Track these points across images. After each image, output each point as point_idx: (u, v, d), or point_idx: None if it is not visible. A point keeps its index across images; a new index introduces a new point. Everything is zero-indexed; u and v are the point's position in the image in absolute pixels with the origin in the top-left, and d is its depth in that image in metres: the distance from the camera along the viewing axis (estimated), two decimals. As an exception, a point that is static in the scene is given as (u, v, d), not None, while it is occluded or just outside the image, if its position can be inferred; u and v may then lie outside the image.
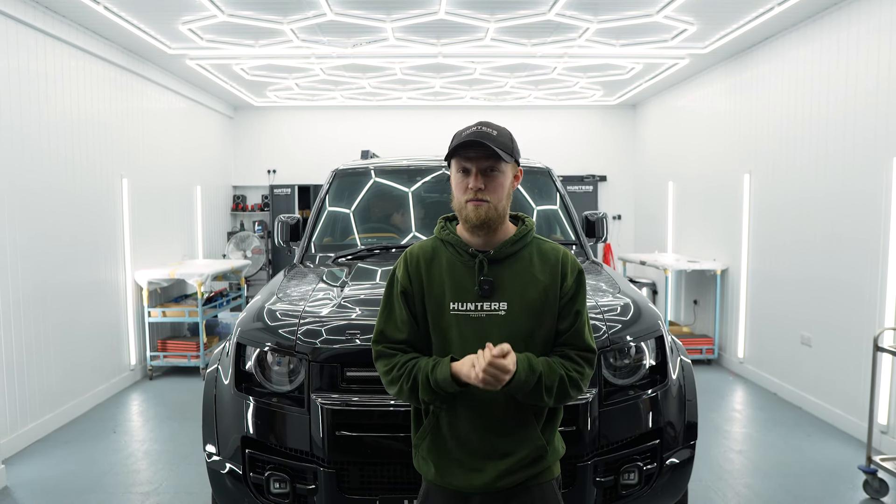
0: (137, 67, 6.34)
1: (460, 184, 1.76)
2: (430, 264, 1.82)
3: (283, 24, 5.34)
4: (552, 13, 5.09)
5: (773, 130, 5.81)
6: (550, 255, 1.83)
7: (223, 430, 2.61)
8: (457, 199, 1.78)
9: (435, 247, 1.85)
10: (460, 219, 1.80)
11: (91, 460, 4.40)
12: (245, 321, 2.72)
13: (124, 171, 6.13)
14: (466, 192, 1.74)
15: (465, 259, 1.79)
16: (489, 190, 1.73)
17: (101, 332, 5.74)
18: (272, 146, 9.70)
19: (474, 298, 1.75)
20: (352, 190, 4.28)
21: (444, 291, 1.78)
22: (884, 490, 3.76)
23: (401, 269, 1.84)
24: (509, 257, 1.79)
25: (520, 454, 1.75)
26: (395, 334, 1.80)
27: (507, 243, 1.79)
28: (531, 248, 1.83)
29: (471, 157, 1.74)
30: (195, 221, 8.09)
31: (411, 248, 1.88)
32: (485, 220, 1.74)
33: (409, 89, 8.31)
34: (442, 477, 1.78)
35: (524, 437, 1.76)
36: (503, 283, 1.77)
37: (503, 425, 1.75)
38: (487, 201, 1.73)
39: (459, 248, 1.80)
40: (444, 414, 1.77)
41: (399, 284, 1.82)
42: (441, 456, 1.78)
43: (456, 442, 1.76)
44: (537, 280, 1.78)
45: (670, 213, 8.29)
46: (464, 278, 1.78)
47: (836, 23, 4.92)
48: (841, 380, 4.87)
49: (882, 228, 4.41)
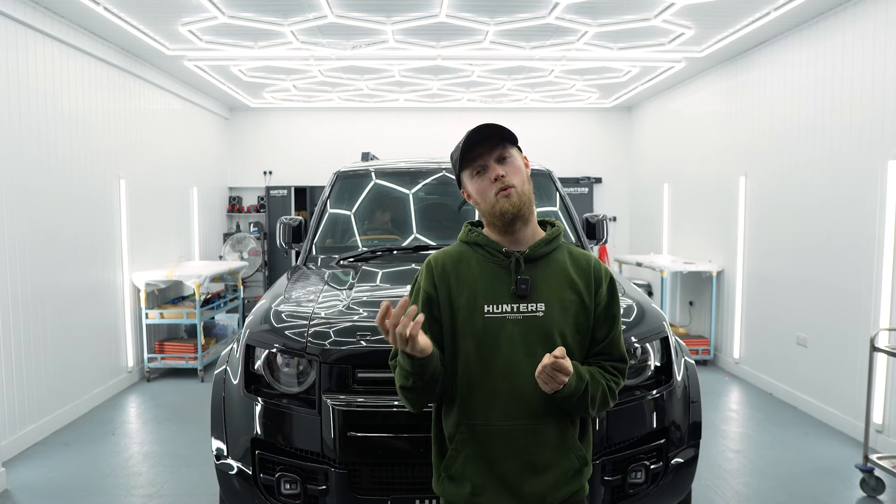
0: (135, 68, 6.33)
1: (481, 185, 1.72)
2: (457, 267, 1.75)
3: (284, 26, 5.35)
4: (552, 17, 5.13)
5: (769, 133, 5.87)
6: (582, 261, 1.79)
7: (232, 432, 2.61)
8: (485, 202, 1.72)
9: (461, 251, 1.79)
10: (493, 218, 1.72)
11: (91, 463, 4.39)
12: (254, 323, 2.73)
13: (122, 172, 6.11)
14: (492, 186, 1.70)
15: (499, 259, 1.72)
16: (510, 174, 1.71)
17: (98, 334, 5.72)
18: (268, 147, 9.69)
19: (510, 300, 1.69)
20: (354, 192, 4.29)
21: (475, 293, 1.70)
22: (880, 488, 3.81)
23: (423, 276, 1.78)
24: (543, 258, 1.75)
25: (563, 466, 1.70)
26: None
27: (540, 243, 1.74)
28: (563, 251, 1.79)
29: (481, 154, 1.72)
30: (192, 223, 8.07)
31: (434, 255, 1.81)
32: (518, 206, 1.69)
33: (406, 91, 8.33)
34: (475, 497, 1.68)
35: (565, 446, 1.71)
36: (540, 284, 1.71)
37: (544, 437, 1.69)
38: (514, 185, 1.69)
39: (492, 249, 1.74)
40: (479, 423, 1.69)
41: (423, 291, 1.75)
42: (476, 472, 1.69)
43: (492, 457, 1.68)
44: (574, 281, 1.74)
45: (665, 215, 8.35)
46: (498, 279, 1.71)
47: (832, 27, 4.99)
48: (836, 380, 4.93)
49: (877, 230, 4.47)
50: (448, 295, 1.73)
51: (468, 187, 1.77)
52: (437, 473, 1.77)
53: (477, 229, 1.81)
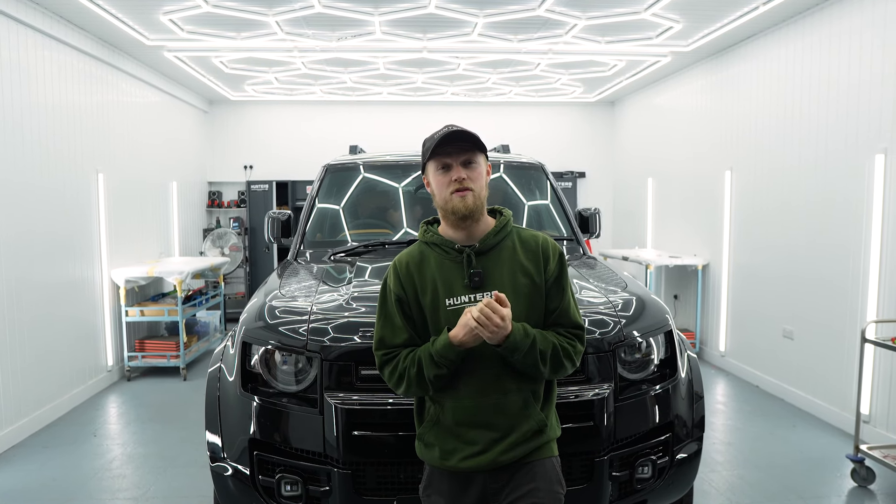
0: (113, 59, 6.14)
1: (442, 179, 1.87)
2: (419, 267, 1.91)
3: (269, 16, 5.22)
4: (542, 9, 5.09)
5: (755, 127, 5.91)
6: (531, 242, 1.93)
7: (228, 432, 2.53)
8: (440, 196, 1.88)
9: (422, 251, 1.95)
10: (445, 214, 1.89)
11: (73, 465, 4.25)
12: (249, 320, 2.65)
13: (100, 166, 5.94)
14: (450, 186, 1.85)
15: (453, 256, 1.88)
16: (471, 179, 1.85)
17: (77, 333, 5.55)
18: (249, 141, 9.52)
19: (466, 291, 1.85)
20: (344, 185, 4.21)
21: (437, 289, 1.87)
22: (871, 478, 3.86)
23: (391, 278, 1.93)
24: (494, 248, 1.90)
25: (521, 429, 1.84)
26: (393, 339, 1.89)
27: (489, 234, 1.90)
28: (512, 236, 1.94)
29: (450, 153, 1.86)
30: (171, 218, 7.89)
31: (399, 256, 1.97)
32: (472, 208, 1.84)
33: (390, 84, 8.24)
34: (446, 460, 1.86)
35: (525, 414, 1.85)
36: (492, 273, 1.87)
37: (505, 406, 1.84)
38: (472, 189, 1.84)
39: (445, 247, 1.89)
40: (448, 403, 1.85)
41: (392, 293, 1.91)
42: (446, 441, 1.87)
43: (460, 426, 1.85)
44: (523, 266, 1.89)
45: (650, 210, 8.38)
46: (454, 274, 1.87)
47: (817, 22, 5.02)
48: (823, 372, 4.99)
49: (864, 224, 4.52)
50: (415, 294, 1.89)
51: (430, 177, 1.92)
52: (417, 440, 1.97)
53: (432, 228, 1.98)
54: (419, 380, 1.82)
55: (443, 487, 1.90)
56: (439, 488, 1.91)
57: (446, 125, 1.91)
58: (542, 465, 1.86)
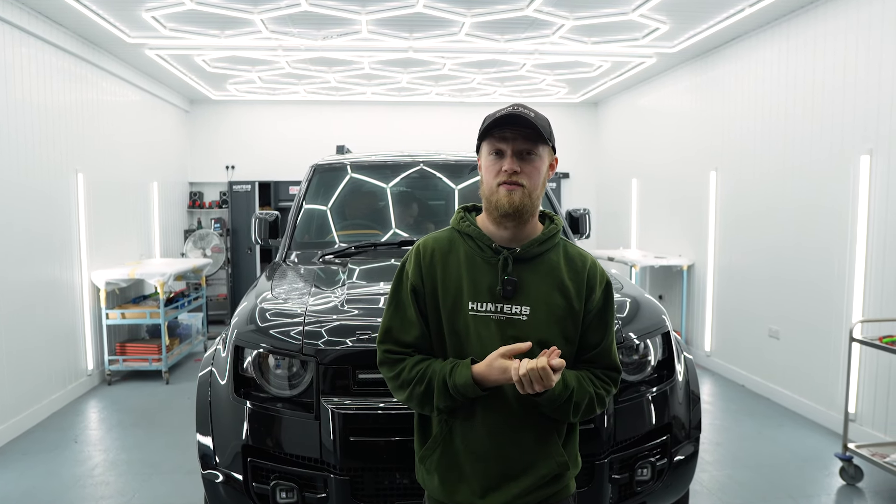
0: (92, 56, 6.01)
1: (492, 167, 1.62)
2: (446, 258, 1.67)
3: (254, 14, 5.14)
4: (530, 9, 5.07)
5: (740, 129, 5.95)
6: (577, 262, 1.70)
7: (220, 438, 2.46)
8: (487, 184, 1.64)
9: (452, 238, 1.70)
10: (489, 206, 1.64)
11: (54, 473, 4.14)
12: (241, 323, 2.58)
13: (79, 166, 5.80)
14: (499, 175, 1.60)
15: (488, 255, 1.64)
16: (525, 174, 1.59)
17: (56, 336, 5.41)
18: (231, 141, 9.39)
19: (495, 299, 1.61)
20: (333, 186, 4.15)
21: (461, 289, 1.63)
22: (859, 476, 3.89)
23: (411, 263, 1.69)
24: (536, 258, 1.66)
25: (541, 471, 1.63)
26: (403, 335, 1.67)
27: (534, 242, 1.65)
28: (558, 250, 1.70)
29: (507, 138, 1.59)
30: (152, 219, 7.75)
31: (424, 239, 1.72)
32: (518, 207, 1.59)
33: (374, 84, 8.18)
34: (450, 495, 1.65)
35: (545, 452, 1.64)
36: (528, 285, 1.63)
37: (523, 440, 1.62)
38: (522, 185, 1.59)
39: (481, 243, 1.65)
40: (458, 425, 1.64)
41: (409, 281, 1.67)
42: (450, 471, 1.65)
43: (470, 457, 1.63)
44: (564, 285, 1.65)
45: (634, 210, 8.42)
46: (484, 276, 1.63)
47: (803, 24, 5.07)
48: (809, 371, 5.03)
49: (849, 224, 4.56)
50: (434, 289, 1.66)
51: (482, 159, 1.68)
52: (417, 462, 1.75)
53: (470, 217, 1.73)
54: (423, 401, 1.61)
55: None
56: None
57: (515, 104, 1.63)
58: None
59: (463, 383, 1.54)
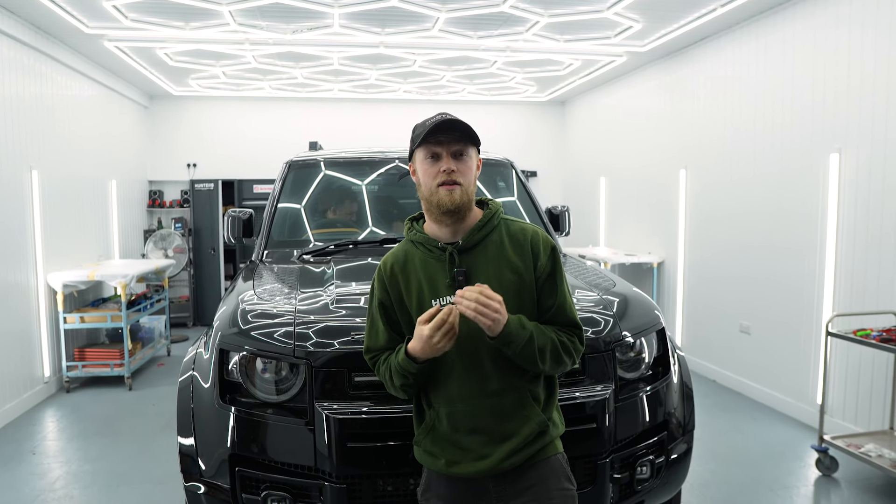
0: (47, 48, 5.71)
1: (430, 169, 1.76)
2: (403, 268, 1.83)
3: (222, 5, 4.96)
4: (506, 5, 5.03)
5: (710, 127, 6.04)
6: (520, 236, 1.83)
7: (204, 447, 2.33)
8: (426, 186, 1.77)
9: (406, 250, 1.87)
10: (430, 207, 1.79)
11: (11, 487, 3.90)
12: (225, 325, 2.45)
13: (33, 163, 5.51)
14: (438, 177, 1.75)
15: (437, 254, 1.80)
16: (461, 172, 1.75)
17: (9, 342, 5.13)
18: (192, 138, 9.09)
19: (452, 291, 1.75)
20: (308, 183, 4.03)
21: (423, 290, 1.79)
22: (834, 467, 3.97)
23: (376, 282, 1.87)
24: (479, 244, 1.80)
25: (522, 433, 1.76)
26: (376, 343, 1.86)
27: (473, 230, 1.80)
28: (500, 230, 1.84)
29: (441, 142, 1.75)
30: (111, 218, 7.44)
31: (384, 258, 1.89)
32: (458, 204, 1.74)
33: (341, 81, 8.03)
34: (449, 468, 1.78)
35: (525, 416, 1.77)
36: (477, 271, 1.77)
37: (504, 407, 1.76)
38: (460, 184, 1.75)
39: (429, 245, 1.81)
40: (442, 408, 1.78)
41: (376, 298, 1.86)
42: (445, 448, 1.79)
43: (459, 433, 1.77)
44: (511, 262, 1.79)
45: (602, 208, 8.48)
46: (439, 274, 1.79)
47: (772, 24, 5.16)
48: (781, 365, 5.13)
49: (819, 221, 4.66)
50: (399, 298, 1.82)
51: (417, 165, 1.81)
52: (415, 445, 1.89)
53: (417, 226, 1.88)
54: (401, 387, 1.78)
55: (442, 491, 1.82)
56: (438, 492, 1.83)
57: (439, 112, 1.80)
58: (547, 463, 1.80)
59: (401, 359, 1.72)
